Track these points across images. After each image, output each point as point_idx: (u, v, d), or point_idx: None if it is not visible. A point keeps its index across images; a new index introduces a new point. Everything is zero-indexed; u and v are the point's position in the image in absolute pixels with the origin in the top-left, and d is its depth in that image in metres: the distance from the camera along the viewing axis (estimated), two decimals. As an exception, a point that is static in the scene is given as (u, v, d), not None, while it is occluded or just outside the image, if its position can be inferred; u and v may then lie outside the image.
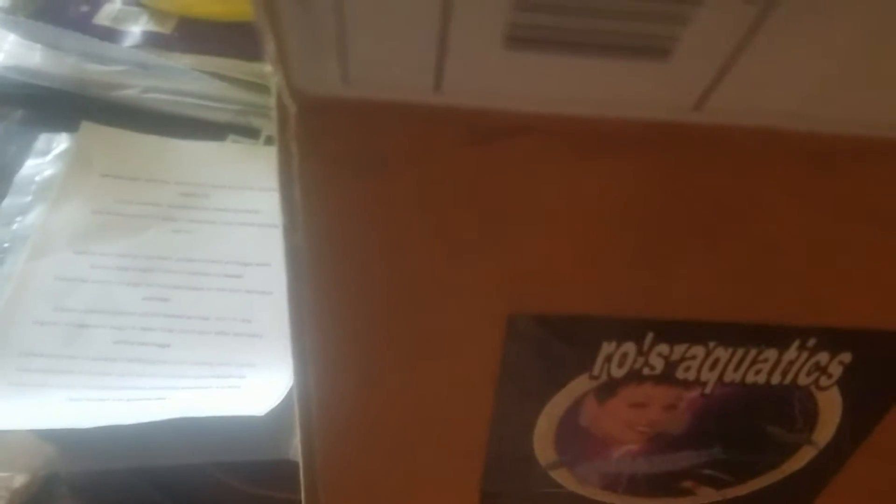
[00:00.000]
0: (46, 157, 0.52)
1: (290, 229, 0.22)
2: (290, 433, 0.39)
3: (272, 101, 0.19)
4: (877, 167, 0.19)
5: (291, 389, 0.39)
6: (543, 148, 0.19)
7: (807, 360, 0.25)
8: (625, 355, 0.25)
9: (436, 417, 0.27)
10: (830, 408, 0.27)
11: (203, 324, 0.45)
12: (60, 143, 0.53)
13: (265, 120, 0.56)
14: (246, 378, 0.42)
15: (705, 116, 0.18)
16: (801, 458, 0.29)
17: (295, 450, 0.39)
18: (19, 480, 0.41)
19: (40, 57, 0.56)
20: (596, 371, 0.25)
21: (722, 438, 0.28)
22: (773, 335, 0.24)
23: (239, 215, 0.50)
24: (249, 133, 0.55)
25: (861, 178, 0.20)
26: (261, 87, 0.56)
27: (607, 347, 0.24)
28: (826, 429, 0.28)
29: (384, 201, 0.20)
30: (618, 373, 0.25)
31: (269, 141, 0.55)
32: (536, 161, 0.19)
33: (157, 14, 0.59)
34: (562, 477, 0.29)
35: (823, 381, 0.26)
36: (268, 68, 0.18)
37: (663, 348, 0.24)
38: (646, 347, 0.24)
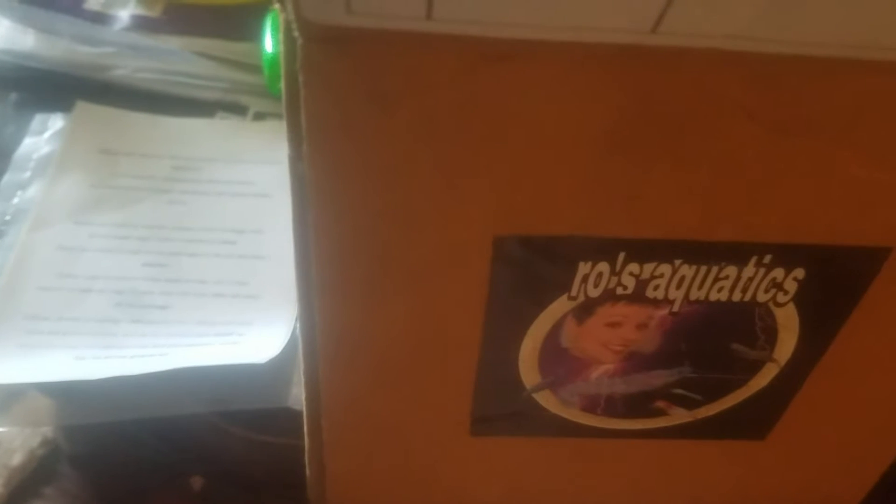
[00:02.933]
0: (43, 135, 0.54)
1: (295, 159, 0.24)
2: (289, 382, 0.41)
3: (281, 36, 0.21)
4: (815, 84, 0.22)
5: (290, 340, 0.41)
6: (528, 73, 0.21)
7: (764, 276, 0.27)
8: (600, 275, 0.27)
9: (430, 342, 0.29)
10: (789, 324, 0.29)
11: (201, 287, 0.47)
12: (56, 122, 0.55)
13: (252, 97, 0.58)
14: (245, 335, 0.44)
15: (662, 39, 0.20)
16: (765, 376, 0.31)
17: (294, 398, 0.41)
18: (17, 458, 0.42)
19: (33, 40, 0.57)
20: (574, 291, 0.28)
21: (691, 356, 0.30)
22: (732, 252, 0.27)
23: (230, 186, 0.52)
24: (237, 110, 0.58)
25: (801, 95, 0.22)
26: (247, 67, 0.58)
27: (584, 268, 0.27)
28: (786, 346, 0.30)
29: (384, 129, 0.23)
30: (594, 293, 0.28)
31: (256, 117, 0.57)
32: (522, 86, 0.22)
33: (144, -2, 0.61)
34: (545, 399, 0.32)
35: (780, 298, 0.28)
36: (276, 5, 0.20)
37: (634, 267, 0.27)
38: (618, 267, 0.27)
